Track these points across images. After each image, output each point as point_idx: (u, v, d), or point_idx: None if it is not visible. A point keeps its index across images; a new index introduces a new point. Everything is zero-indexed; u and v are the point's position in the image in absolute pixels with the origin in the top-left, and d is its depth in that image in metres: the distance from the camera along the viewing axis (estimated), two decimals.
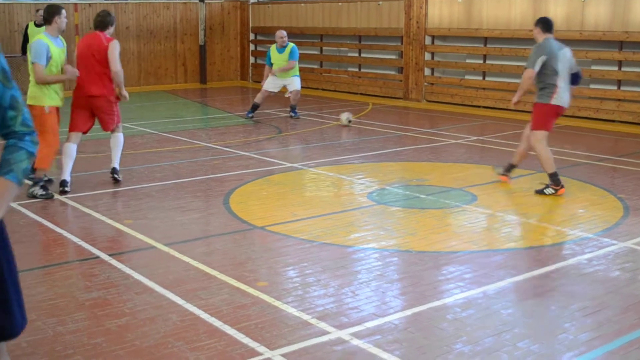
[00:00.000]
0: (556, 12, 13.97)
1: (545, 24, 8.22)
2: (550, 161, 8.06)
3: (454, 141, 11.53)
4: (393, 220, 7.23)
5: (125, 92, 8.45)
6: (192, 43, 20.56)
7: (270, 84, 14.02)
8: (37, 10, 16.94)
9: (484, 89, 15.39)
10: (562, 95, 8.05)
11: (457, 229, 6.90)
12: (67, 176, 8.25)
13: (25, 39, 16.58)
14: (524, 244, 6.39)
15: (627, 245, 6.35)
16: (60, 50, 8.01)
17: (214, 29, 21.00)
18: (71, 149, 8.30)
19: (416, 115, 14.77)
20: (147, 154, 10.81)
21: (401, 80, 16.89)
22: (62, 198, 8.00)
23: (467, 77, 15.85)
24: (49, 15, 7.98)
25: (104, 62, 8.25)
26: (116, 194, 8.36)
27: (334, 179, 9.05)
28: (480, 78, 15.55)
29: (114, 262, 5.92)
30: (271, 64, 13.89)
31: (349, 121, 13.10)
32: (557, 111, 8.12)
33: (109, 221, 7.10)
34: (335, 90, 18.48)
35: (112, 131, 8.63)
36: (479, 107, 15.31)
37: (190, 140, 11.66)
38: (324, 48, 19.17)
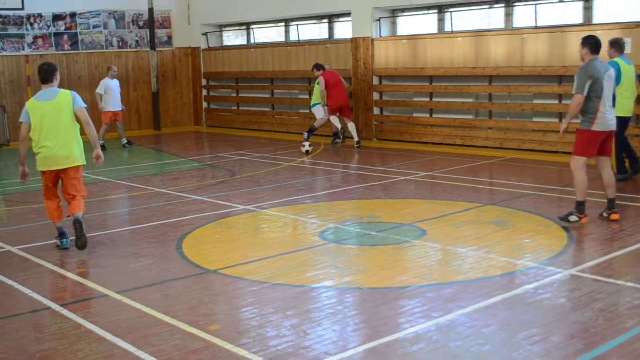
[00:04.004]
0: (497, 50, 14.28)
1: (594, 45, 7.99)
2: (584, 189, 8.08)
3: (403, 177, 11.64)
4: (345, 257, 7.23)
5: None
6: (144, 90, 20.54)
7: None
8: None
9: (431, 125, 15.60)
10: (604, 120, 7.98)
11: (407, 264, 6.92)
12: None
13: None
14: (472, 276, 6.44)
15: (571, 273, 6.44)
16: None
17: (166, 75, 21.02)
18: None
19: (367, 154, 14.89)
20: (101, 201, 10.68)
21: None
22: (13, 249, 7.85)
23: (415, 114, 16.06)
24: None
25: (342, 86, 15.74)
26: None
27: (286, 220, 9.04)
28: (428, 115, 15.77)
29: (65, 312, 5.81)
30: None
31: (307, 150, 14.62)
32: (598, 137, 8.04)
33: (61, 271, 6.99)
34: (287, 132, 18.56)
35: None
36: (427, 143, 15.50)
37: (144, 187, 11.57)
38: (275, 91, 19.30)
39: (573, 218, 8.11)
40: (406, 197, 10.15)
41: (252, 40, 20.51)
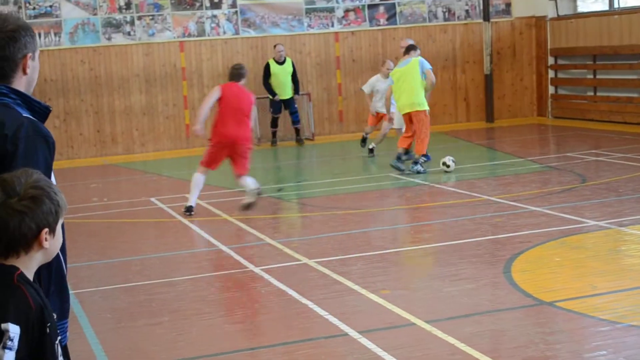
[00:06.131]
0: None
1: None
2: None
3: None
4: None
5: None
6: (475, 72, 20.80)
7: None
8: (275, 46, 18.36)
9: None
10: None
11: None
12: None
13: (266, 77, 18.21)
14: None
15: None
16: None
17: (503, 53, 21.08)
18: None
19: None
20: (416, 209, 11.06)
21: None
22: (311, 262, 8.43)
23: None
24: None
25: None
26: (373, 258, 8.63)
27: None
28: None
29: (364, 340, 6.10)
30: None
31: (447, 165, 13.45)
32: None
33: (362, 291, 7.35)
34: None
35: None
36: None
37: (469, 193, 11.74)
38: None
39: None
40: None
41: (616, 5, 19.84)
